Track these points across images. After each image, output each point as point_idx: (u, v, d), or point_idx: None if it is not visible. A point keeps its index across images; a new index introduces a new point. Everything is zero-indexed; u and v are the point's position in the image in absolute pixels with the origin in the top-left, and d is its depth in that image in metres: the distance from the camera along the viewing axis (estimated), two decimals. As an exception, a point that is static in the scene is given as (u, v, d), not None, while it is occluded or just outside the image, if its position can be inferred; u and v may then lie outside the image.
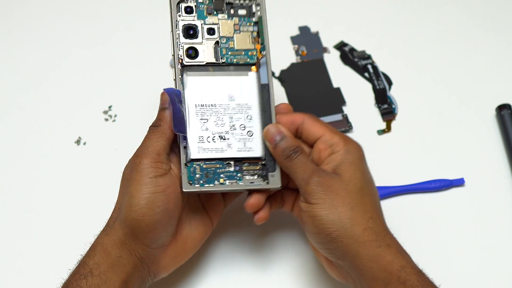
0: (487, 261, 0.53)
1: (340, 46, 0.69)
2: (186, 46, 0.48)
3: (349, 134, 0.61)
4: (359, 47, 0.69)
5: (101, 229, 0.45)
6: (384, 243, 0.41)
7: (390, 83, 0.66)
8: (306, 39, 0.70)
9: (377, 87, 0.66)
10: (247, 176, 0.47)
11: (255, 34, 0.49)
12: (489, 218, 0.56)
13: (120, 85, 0.66)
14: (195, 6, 0.48)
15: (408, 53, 0.68)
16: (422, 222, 0.55)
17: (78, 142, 0.62)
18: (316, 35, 0.70)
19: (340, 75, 0.67)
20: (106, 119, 0.63)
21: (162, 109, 0.46)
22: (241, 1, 0.49)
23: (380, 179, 0.57)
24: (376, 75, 0.66)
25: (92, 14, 0.73)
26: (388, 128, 0.62)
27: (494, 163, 0.59)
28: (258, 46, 0.49)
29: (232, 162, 0.47)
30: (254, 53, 0.49)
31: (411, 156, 0.60)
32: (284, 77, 0.66)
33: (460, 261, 0.53)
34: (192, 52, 0.47)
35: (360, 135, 0.61)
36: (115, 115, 0.64)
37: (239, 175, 0.47)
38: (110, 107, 0.64)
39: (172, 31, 0.47)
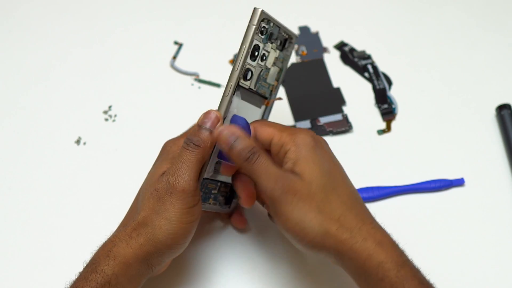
0: (487, 261, 0.53)
1: (340, 46, 0.69)
2: (246, 67, 0.45)
3: (349, 134, 0.61)
4: (359, 47, 0.69)
5: (117, 234, 0.43)
6: (360, 238, 0.40)
7: (390, 83, 0.66)
8: (306, 39, 0.70)
9: (377, 87, 0.66)
10: (220, 198, 0.49)
11: (279, 71, 0.49)
12: (489, 218, 0.55)
13: (120, 85, 0.66)
14: (266, 28, 0.45)
15: (408, 53, 0.68)
16: (422, 222, 0.55)
17: (78, 142, 0.62)
18: (316, 35, 0.70)
19: (340, 75, 0.67)
20: (106, 119, 0.63)
21: (205, 129, 0.43)
22: (284, 34, 0.47)
23: (380, 179, 0.57)
24: (376, 75, 0.66)
25: (92, 14, 0.73)
26: (388, 128, 0.62)
27: (494, 163, 0.59)
28: (276, 83, 0.50)
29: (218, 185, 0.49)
30: (271, 89, 0.49)
31: (411, 156, 0.60)
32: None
33: (460, 261, 0.53)
34: (248, 74, 0.45)
35: (360, 135, 0.62)
36: (115, 115, 0.64)
37: (218, 197, 0.49)
38: (110, 107, 0.64)
39: (245, 47, 0.44)
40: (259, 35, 0.44)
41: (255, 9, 0.43)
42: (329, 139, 0.61)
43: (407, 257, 0.41)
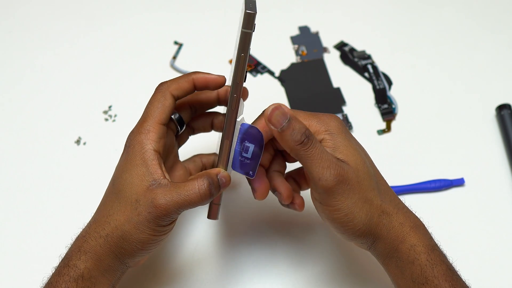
0: (487, 260, 0.53)
1: (340, 46, 0.69)
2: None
3: (349, 134, 0.61)
4: (359, 47, 0.69)
5: (89, 231, 0.43)
6: (397, 223, 0.42)
7: (390, 83, 0.66)
8: (306, 39, 0.70)
9: (377, 87, 0.66)
10: None
11: None
12: (489, 218, 0.55)
13: (120, 85, 0.66)
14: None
15: (408, 53, 0.68)
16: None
17: (78, 142, 0.62)
18: (316, 35, 0.70)
19: (340, 75, 0.67)
20: (106, 119, 0.63)
21: (220, 186, 0.43)
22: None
23: (380, 179, 0.57)
24: (376, 75, 0.66)
25: (92, 15, 0.73)
26: (388, 128, 0.62)
27: (494, 163, 0.59)
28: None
29: None
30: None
31: (411, 156, 0.60)
32: (284, 77, 0.66)
33: (460, 261, 0.53)
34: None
35: (360, 135, 0.61)
36: (115, 115, 0.64)
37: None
38: (110, 107, 0.64)
39: (247, 56, 0.41)
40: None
41: (249, 13, 0.38)
42: (329, 139, 0.61)
43: (436, 242, 0.42)
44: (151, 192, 0.41)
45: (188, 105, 0.48)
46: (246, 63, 0.41)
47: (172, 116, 0.46)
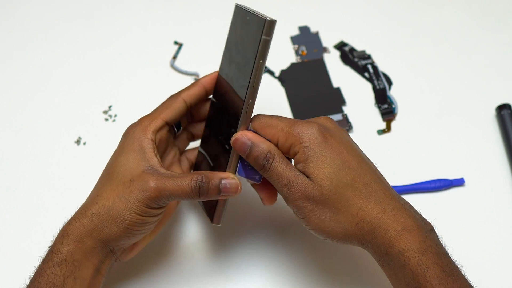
0: (487, 260, 0.53)
1: (340, 46, 0.69)
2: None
3: (349, 134, 0.61)
4: (359, 47, 0.69)
5: (75, 215, 0.44)
6: (381, 229, 0.41)
7: (390, 83, 0.66)
8: (306, 39, 0.70)
9: (377, 87, 0.66)
10: None
11: None
12: (489, 218, 0.55)
13: (120, 85, 0.66)
14: None
15: (408, 53, 0.68)
16: (422, 222, 0.56)
17: (78, 142, 0.62)
18: (316, 35, 0.70)
19: (340, 75, 0.67)
20: (106, 119, 0.63)
21: (222, 195, 0.43)
22: None
23: (380, 179, 0.57)
24: (376, 75, 0.66)
25: (92, 14, 0.73)
26: (388, 128, 0.62)
27: (494, 163, 0.59)
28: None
29: None
30: None
31: (411, 156, 0.60)
32: (284, 77, 0.66)
33: (460, 261, 0.53)
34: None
35: (360, 135, 0.62)
36: (115, 115, 0.64)
37: None
38: (110, 107, 0.64)
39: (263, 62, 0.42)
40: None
41: (271, 21, 0.39)
42: (329, 139, 0.61)
43: (432, 241, 0.41)
44: (146, 174, 0.42)
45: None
46: (263, 69, 0.41)
47: None
